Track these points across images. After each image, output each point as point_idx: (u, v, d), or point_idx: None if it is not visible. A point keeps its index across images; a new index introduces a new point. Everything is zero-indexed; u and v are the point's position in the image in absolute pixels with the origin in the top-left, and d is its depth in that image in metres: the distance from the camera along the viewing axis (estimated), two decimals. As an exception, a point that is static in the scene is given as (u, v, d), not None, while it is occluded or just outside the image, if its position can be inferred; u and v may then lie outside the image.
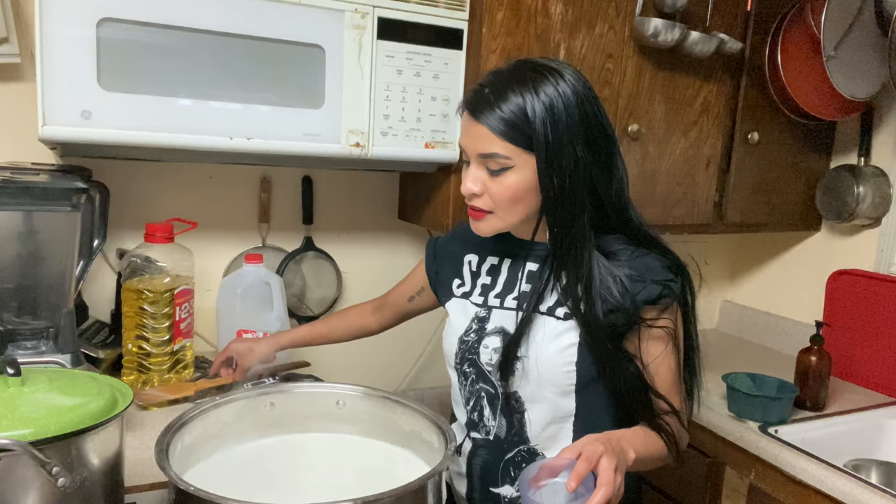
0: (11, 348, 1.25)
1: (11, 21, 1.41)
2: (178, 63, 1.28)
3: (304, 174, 1.77)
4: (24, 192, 1.20)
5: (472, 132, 1.02)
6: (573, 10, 1.61)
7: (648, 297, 1.03)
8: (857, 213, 1.92)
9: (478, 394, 1.12)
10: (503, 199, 1.02)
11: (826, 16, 1.68)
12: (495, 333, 1.10)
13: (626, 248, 1.06)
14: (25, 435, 0.75)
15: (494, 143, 0.99)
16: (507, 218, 1.04)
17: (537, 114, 0.97)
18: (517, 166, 1.00)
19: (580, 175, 1.00)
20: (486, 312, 1.13)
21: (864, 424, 1.68)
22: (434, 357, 2.01)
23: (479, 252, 1.19)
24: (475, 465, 1.14)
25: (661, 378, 1.06)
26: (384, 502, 0.79)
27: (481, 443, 1.13)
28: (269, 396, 1.10)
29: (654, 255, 1.05)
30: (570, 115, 0.98)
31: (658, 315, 1.04)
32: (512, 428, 1.10)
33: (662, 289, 1.03)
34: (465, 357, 1.13)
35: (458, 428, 1.18)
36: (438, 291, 1.26)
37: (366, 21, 1.41)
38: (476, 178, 1.03)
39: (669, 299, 1.04)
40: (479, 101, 1.01)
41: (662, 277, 1.03)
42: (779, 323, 2.21)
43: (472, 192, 1.04)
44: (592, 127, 1.01)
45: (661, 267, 1.04)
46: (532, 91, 0.98)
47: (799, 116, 1.89)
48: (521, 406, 1.09)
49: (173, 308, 1.42)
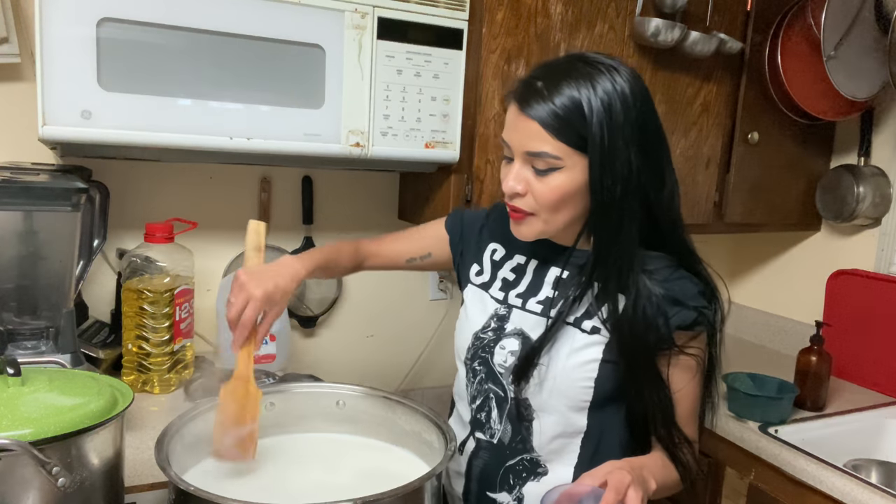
0: (11, 348, 1.25)
1: (11, 21, 1.41)
2: (178, 63, 1.28)
3: (304, 174, 1.77)
4: (24, 192, 1.20)
5: (520, 127, 0.95)
6: (573, 10, 1.61)
7: (682, 323, 0.98)
8: (857, 213, 1.92)
9: (486, 394, 1.09)
10: (549, 202, 0.95)
11: (826, 16, 1.68)
12: (514, 335, 1.06)
13: (664, 269, 1.00)
14: (25, 435, 0.75)
15: (545, 142, 0.92)
16: (552, 221, 0.98)
17: (594, 110, 0.90)
18: (566, 167, 0.93)
19: (633, 182, 0.93)
20: (506, 311, 1.08)
21: (864, 424, 1.68)
22: (434, 357, 2.02)
23: (507, 245, 1.13)
24: (475, 466, 1.11)
25: (682, 407, 1.02)
26: (384, 502, 0.79)
27: (484, 444, 1.10)
28: (269, 396, 1.10)
29: (690, 278, 1.01)
30: (627, 115, 0.92)
31: (688, 341, 1.00)
32: (518, 435, 1.06)
33: (697, 315, 0.99)
34: (477, 354, 1.09)
35: (459, 423, 1.16)
36: (460, 275, 1.19)
37: (366, 21, 1.41)
38: (520, 176, 0.96)
39: (702, 327, 1.00)
40: (529, 93, 0.94)
41: (697, 304, 0.99)
42: (779, 323, 2.21)
43: (515, 191, 0.97)
44: (649, 131, 0.95)
45: (696, 292, 0.99)
46: (589, 86, 0.91)
47: (799, 116, 1.89)
48: (531, 414, 1.05)
49: (173, 308, 1.42)
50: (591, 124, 0.91)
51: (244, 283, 0.98)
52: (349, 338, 1.92)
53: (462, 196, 1.59)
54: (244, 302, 0.98)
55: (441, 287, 1.99)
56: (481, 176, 1.60)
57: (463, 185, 1.59)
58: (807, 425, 1.60)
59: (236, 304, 0.98)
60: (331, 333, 1.89)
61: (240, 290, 0.98)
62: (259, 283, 0.98)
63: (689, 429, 1.03)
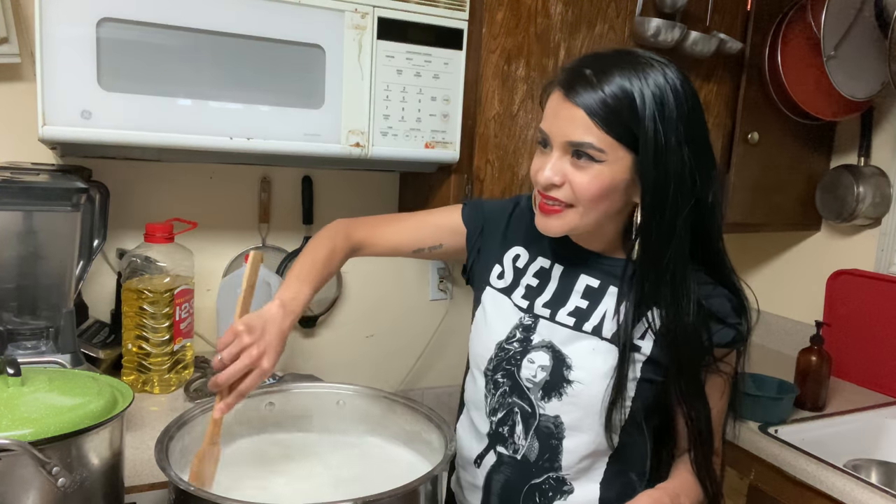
0: (11, 348, 1.25)
1: (11, 21, 1.41)
2: (178, 63, 1.28)
3: (304, 174, 1.77)
4: (24, 192, 1.20)
5: (563, 115, 0.89)
6: (573, 10, 1.61)
7: (722, 341, 0.96)
8: (857, 213, 1.92)
9: (510, 408, 1.03)
10: (590, 193, 0.89)
11: (826, 16, 1.68)
12: (543, 348, 1.00)
13: (704, 284, 0.96)
14: (25, 435, 0.75)
15: (589, 132, 0.87)
16: (587, 216, 0.92)
17: (646, 103, 0.85)
18: (608, 162, 0.88)
19: (687, 182, 0.88)
20: (531, 321, 1.02)
21: (864, 424, 1.68)
22: (434, 357, 2.01)
23: (529, 248, 1.07)
24: (495, 482, 1.06)
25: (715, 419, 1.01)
26: (384, 502, 0.79)
27: (507, 460, 1.04)
28: (269, 396, 1.10)
29: (727, 294, 0.98)
30: (679, 110, 0.87)
31: (721, 357, 0.98)
32: (545, 453, 1.01)
33: (736, 333, 0.97)
34: (501, 366, 1.03)
35: (473, 433, 1.10)
36: (475, 272, 1.12)
37: (366, 21, 1.41)
38: (557, 167, 0.90)
39: (739, 344, 0.98)
40: (577, 79, 0.88)
41: (734, 321, 0.97)
42: (779, 323, 2.21)
43: (552, 182, 0.90)
44: (700, 130, 0.91)
45: (731, 309, 0.97)
46: (641, 77, 0.87)
47: (799, 116, 1.89)
48: (561, 432, 1.00)
49: (173, 308, 1.42)
50: (643, 117, 0.86)
51: (249, 347, 0.87)
52: (349, 338, 1.92)
53: (462, 196, 1.59)
54: (248, 367, 0.87)
55: (441, 287, 1.99)
56: (481, 176, 1.60)
57: (463, 185, 1.59)
58: (807, 425, 1.60)
59: (238, 368, 0.86)
60: (331, 333, 1.89)
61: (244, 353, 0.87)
62: (268, 351, 0.88)
63: (716, 442, 1.02)
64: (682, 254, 0.91)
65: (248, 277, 0.95)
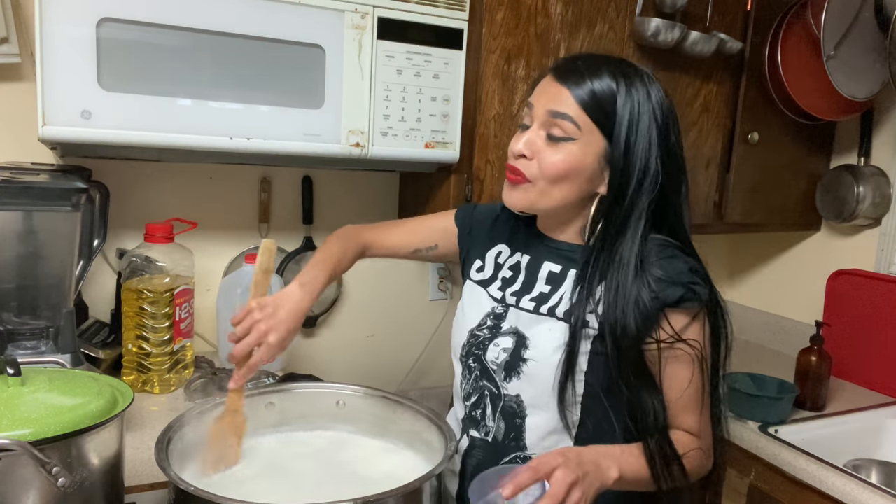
0: (11, 348, 1.25)
1: (11, 21, 1.41)
2: (178, 63, 1.28)
3: (304, 174, 1.77)
4: (24, 192, 1.20)
5: (549, 90, 0.97)
6: (573, 10, 1.61)
7: (669, 299, 0.95)
8: (857, 213, 1.92)
9: (480, 391, 1.08)
10: (552, 172, 0.96)
11: (826, 16, 1.68)
12: (509, 334, 1.05)
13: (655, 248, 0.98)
14: (25, 435, 0.75)
15: (571, 107, 0.94)
16: (546, 195, 0.98)
17: (627, 102, 0.94)
18: (580, 142, 0.95)
19: (650, 179, 0.95)
20: (503, 310, 1.08)
21: (864, 424, 1.68)
22: (434, 357, 2.02)
23: (511, 245, 1.13)
24: (469, 465, 1.10)
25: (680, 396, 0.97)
26: (384, 502, 0.79)
27: (479, 443, 1.09)
28: (268, 396, 1.10)
29: (681, 256, 0.98)
30: (655, 118, 0.95)
31: (682, 329, 0.95)
32: (511, 432, 1.05)
33: (685, 291, 0.95)
34: (471, 351, 1.09)
35: (455, 422, 1.15)
36: (464, 270, 1.19)
37: (366, 21, 1.41)
38: (531, 141, 0.97)
39: (692, 304, 0.95)
40: (569, 67, 0.97)
41: (686, 280, 0.95)
42: (779, 323, 2.21)
43: (521, 152, 0.97)
44: (670, 140, 0.97)
45: (686, 269, 0.96)
46: (628, 82, 0.95)
47: (799, 116, 1.89)
48: (523, 411, 1.04)
49: (173, 308, 1.42)
50: (622, 112, 0.94)
51: (258, 323, 0.96)
52: (349, 338, 1.92)
53: (462, 196, 1.59)
54: (256, 342, 0.96)
55: (441, 287, 1.99)
56: (481, 176, 1.60)
57: (463, 185, 1.59)
58: (807, 425, 1.60)
59: (248, 342, 0.96)
60: (331, 333, 1.89)
61: (253, 329, 0.96)
62: (276, 327, 0.96)
63: (690, 418, 0.98)
64: (636, 243, 0.96)
65: (261, 263, 1.02)
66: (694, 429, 0.99)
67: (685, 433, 0.99)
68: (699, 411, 0.99)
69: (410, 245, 1.22)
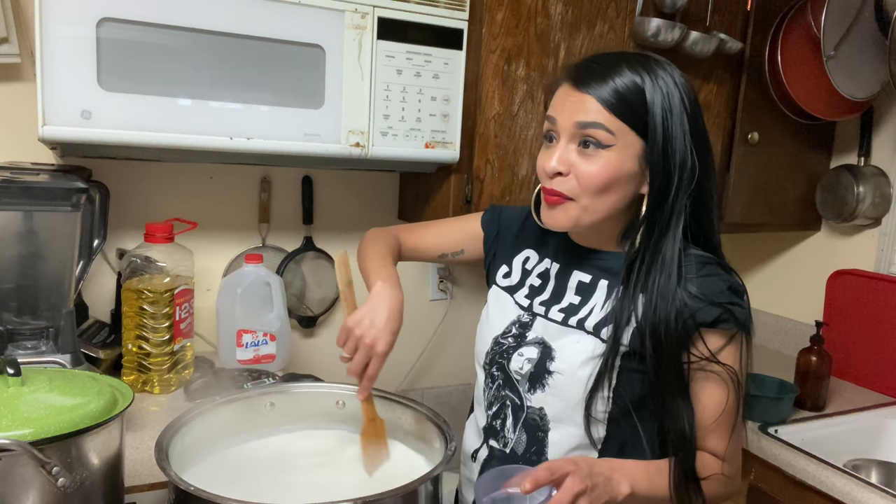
0: (11, 348, 1.25)
1: (11, 21, 1.41)
2: (178, 63, 1.28)
3: (304, 174, 1.77)
4: (24, 192, 1.20)
5: (570, 101, 0.90)
6: (573, 10, 1.61)
7: (705, 320, 0.90)
8: (857, 213, 1.92)
9: (502, 401, 1.04)
10: (594, 183, 0.89)
11: (826, 16, 1.68)
12: (535, 344, 1.01)
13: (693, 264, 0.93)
14: (25, 435, 0.75)
15: (600, 114, 0.87)
16: (591, 209, 0.91)
17: (656, 94, 0.88)
18: (617, 147, 0.88)
19: (688, 174, 0.90)
20: (529, 318, 1.03)
21: (864, 424, 1.68)
22: (434, 357, 2.01)
23: (540, 251, 1.08)
24: None
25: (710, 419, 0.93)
26: (384, 502, 0.79)
27: (497, 454, 1.05)
28: (269, 396, 1.10)
29: (720, 274, 0.94)
30: (683, 105, 0.90)
31: (718, 350, 0.91)
32: (532, 446, 1.01)
33: (722, 312, 0.90)
34: (495, 360, 1.05)
35: (475, 429, 1.11)
36: (490, 274, 1.14)
37: (366, 21, 1.41)
38: (563, 157, 0.90)
39: (728, 325, 0.91)
40: (585, 71, 0.90)
41: (724, 300, 0.91)
42: (779, 323, 2.21)
43: (556, 170, 0.90)
44: (701, 127, 0.93)
45: (724, 288, 0.92)
46: (650, 72, 0.89)
47: (799, 116, 1.89)
48: (546, 424, 0.99)
49: (173, 308, 1.42)
50: (653, 105, 0.88)
51: (361, 339, 0.97)
52: (349, 338, 1.91)
53: (462, 196, 1.59)
54: (366, 358, 0.97)
55: (441, 287, 1.99)
56: (481, 176, 1.60)
57: (463, 185, 1.59)
58: (807, 425, 1.60)
59: (358, 361, 0.97)
60: (331, 333, 1.89)
61: (360, 346, 0.97)
62: (380, 336, 0.98)
63: (717, 441, 0.95)
64: (677, 240, 0.92)
65: (342, 277, 1.04)
66: (720, 452, 0.96)
67: (710, 455, 0.96)
68: (727, 436, 0.95)
69: (437, 249, 1.19)
